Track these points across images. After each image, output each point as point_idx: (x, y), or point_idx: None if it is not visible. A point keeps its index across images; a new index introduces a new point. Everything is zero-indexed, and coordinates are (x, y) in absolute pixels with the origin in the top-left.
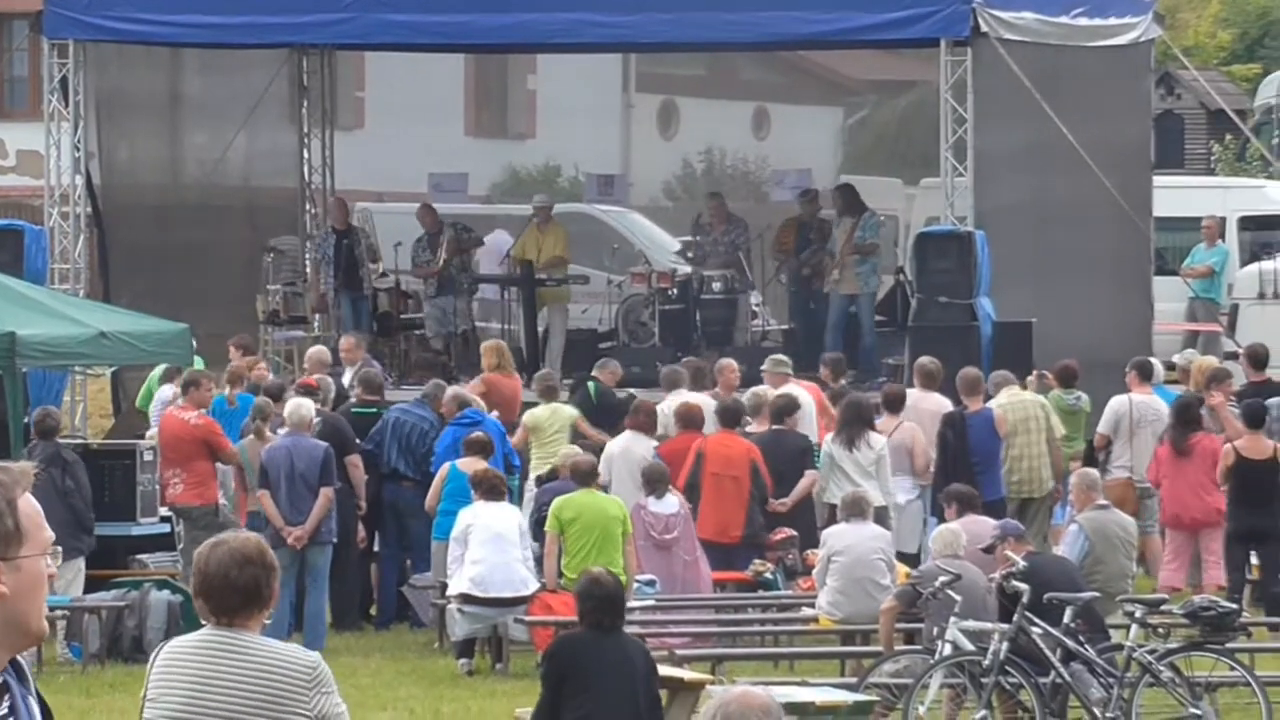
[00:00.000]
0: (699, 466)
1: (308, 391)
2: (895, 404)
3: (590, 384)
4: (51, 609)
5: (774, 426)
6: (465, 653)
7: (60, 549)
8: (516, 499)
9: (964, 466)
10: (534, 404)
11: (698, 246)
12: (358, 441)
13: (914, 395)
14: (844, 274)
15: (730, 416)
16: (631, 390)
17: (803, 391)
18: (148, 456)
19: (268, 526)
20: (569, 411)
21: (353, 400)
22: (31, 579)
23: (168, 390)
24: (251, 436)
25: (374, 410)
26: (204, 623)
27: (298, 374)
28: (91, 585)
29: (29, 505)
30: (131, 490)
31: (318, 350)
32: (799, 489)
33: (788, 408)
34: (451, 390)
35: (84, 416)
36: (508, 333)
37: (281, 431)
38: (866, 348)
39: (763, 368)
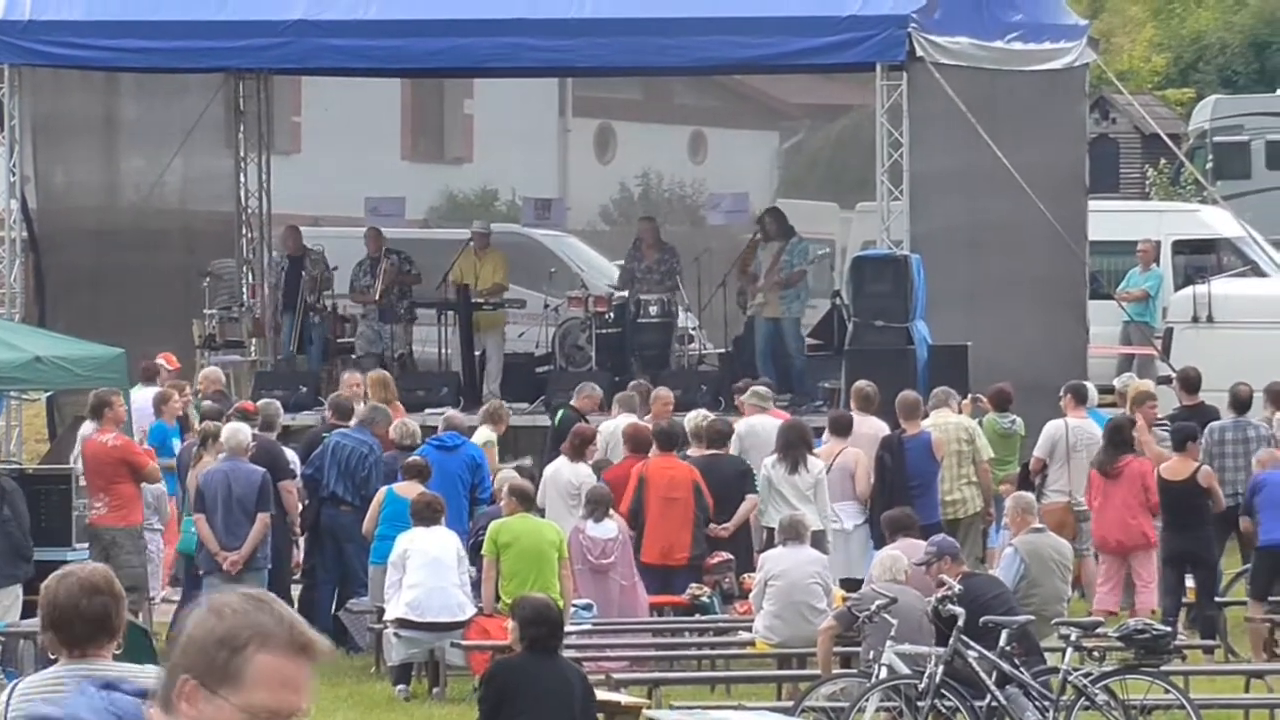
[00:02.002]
0: (642, 490)
1: (245, 416)
2: (842, 428)
3: (560, 410)
4: None
5: (710, 450)
6: (402, 678)
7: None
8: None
9: (901, 490)
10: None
11: (632, 270)
12: (293, 466)
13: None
14: (768, 298)
15: (669, 440)
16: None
17: (773, 421)
18: (83, 481)
19: (201, 549)
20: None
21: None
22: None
23: (88, 429)
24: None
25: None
26: (53, 656)
27: (234, 399)
28: (28, 610)
29: (273, 668)
30: (67, 516)
31: (211, 370)
32: (740, 513)
33: (724, 432)
34: (455, 413)
35: (19, 441)
36: (444, 357)
37: (220, 456)
38: (797, 371)
39: (743, 397)
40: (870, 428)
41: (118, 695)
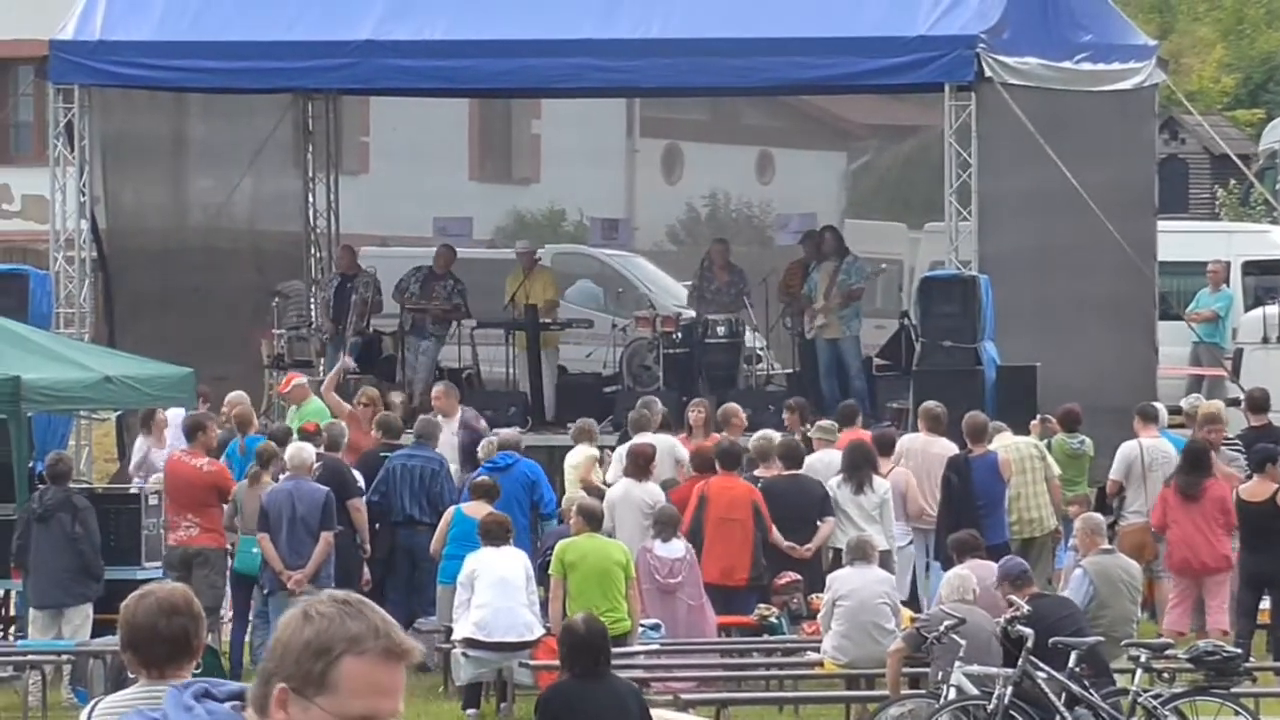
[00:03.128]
0: (702, 510)
1: (308, 436)
2: (886, 448)
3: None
4: (57, 654)
5: (789, 471)
6: (471, 702)
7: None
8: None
9: (968, 510)
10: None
11: (701, 290)
12: (361, 487)
13: (920, 440)
14: (828, 319)
15: (730, 459)
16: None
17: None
18: (152, 501)
19: (265, 569)
20: (584, 455)
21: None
22: None
23: (143, 444)
24: (245, 482)
25: (386, 455)
26: (133, 676)
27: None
28: (97, 629)
29: (364, 674)
30: (136, 535)
31: (235, 395)
32: (820, 535)
33: (798, 451)
34: (508, 431)
35: (89, 461)
36: (511, 376)
37: (283, 476)
38: (858, 392)
39: (810, 433)
40: (940, 449)
41: (213, 704)
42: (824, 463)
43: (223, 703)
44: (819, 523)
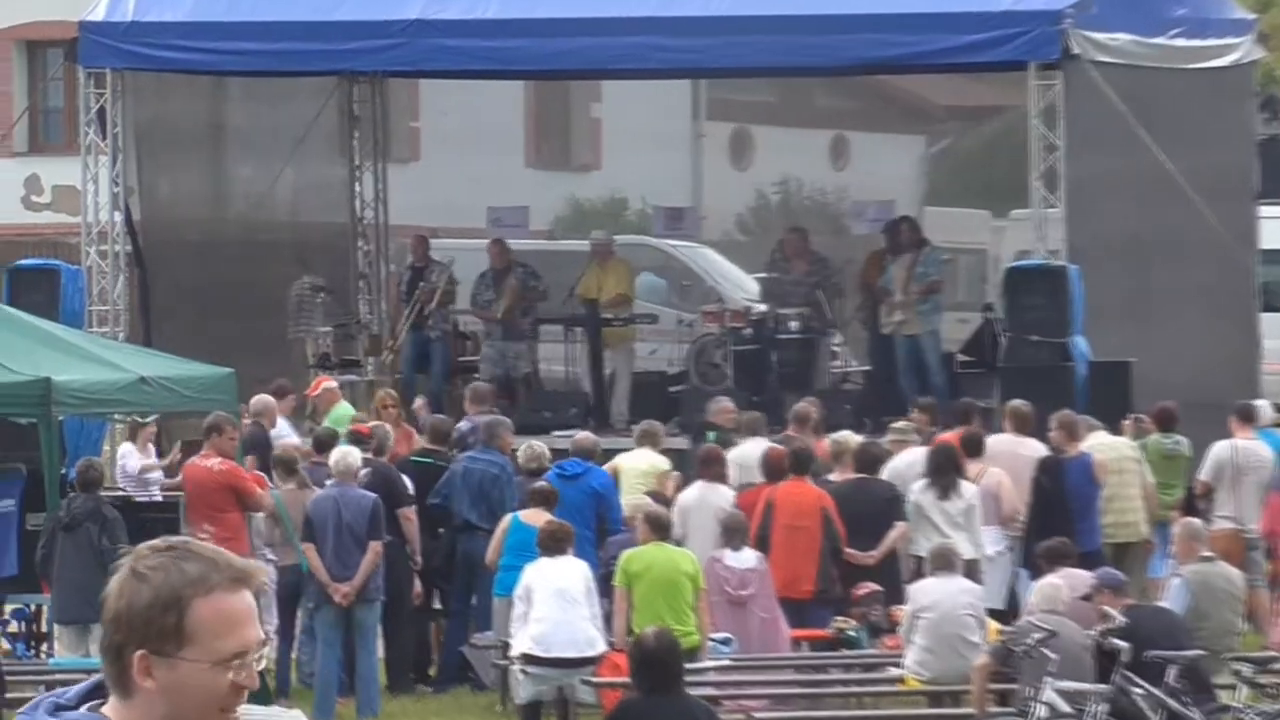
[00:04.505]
0: (769, 517)
1: (357, 440)
2: (974, 448)
3: (710, 433)
4: (86, 672)
5: (858, 474)
6: (530, 718)
7: (265, 651)
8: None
9: (1061, 514)
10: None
11: (775, 283)
12: (412, 495)
13: (1007, 441)
14: (906, 314)
15: (800, 463)
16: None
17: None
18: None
19: (311, 581)
20: (648, 463)
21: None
22: (190, 687)
23: (129, 451)
24: (289, 487)
25: (430, 460)
26: None
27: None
28: None
29: (217, 610)
30: None
31: (259, 400)
32: (888, 541)
33: (875, 455)
34: (584, 434)
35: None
36: (571, 376)
37: (329, 482)
38: (938, 390)
39: (886, 437)
40: (1028, 450)
41: (69, 715)
42: (906, 463)
43: (77, 708)
44: (890, 527)
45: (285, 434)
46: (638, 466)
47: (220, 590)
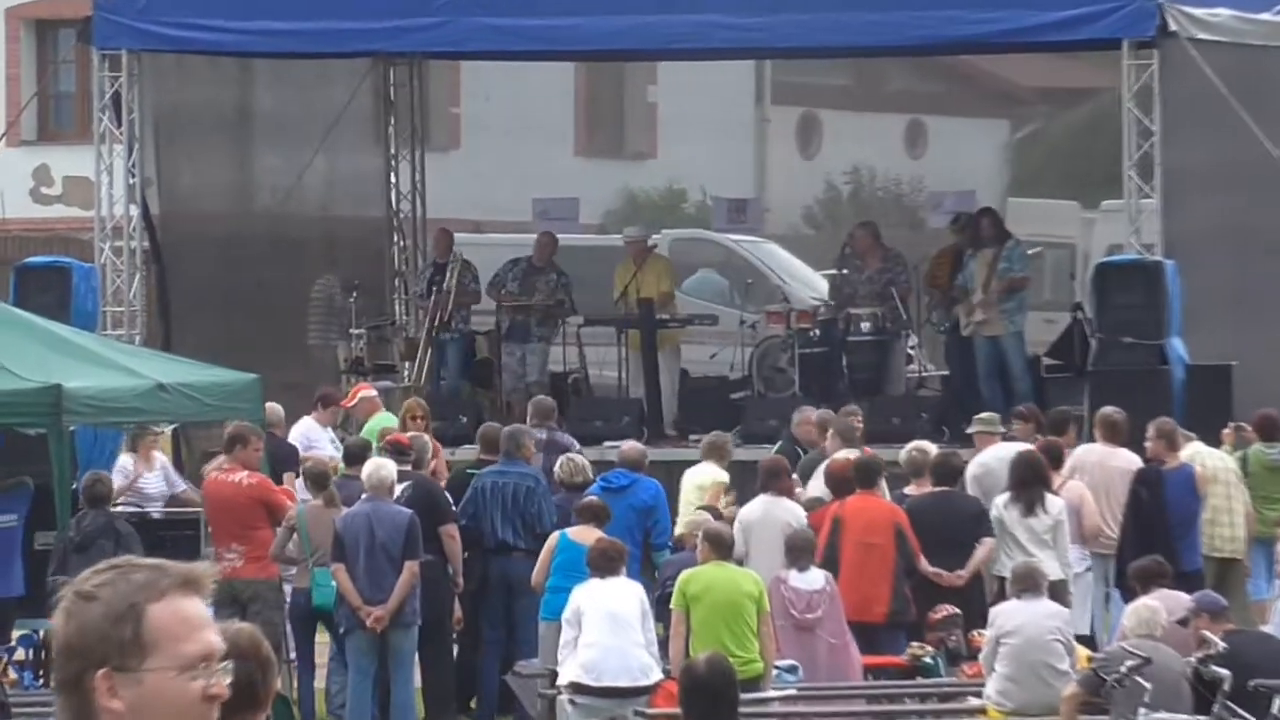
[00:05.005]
0: (837, 535)
1: (397, 451)
2: (1055, 459)
3: (779, 442)
4: None
5: (938, 488)
6: None
7: (229, 663)
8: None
9: (1161, 531)
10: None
11: (845, 281)
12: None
13: (1097, 451)
14: (988, 314)
15: (867, 475)
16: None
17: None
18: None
19: (341, 604)
20: (711, 478)
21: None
22: (160, 698)
23: (127, 461)
24: (316, 502)
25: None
26: None
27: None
28: None
29: (174, 613)
30: None
31: (272, 408)
32: (976, 559)
33: (954, 466)
34: (630, 444)
35: None
36: (622, 382)
37: (363, 497)
38: (1021, 396)
39: (970, 428)
40: (1121, 461)
41: None
42: (998, 459)
43: None
44: (976, 545)
45: (319, 446)
46: (695, 481)
47: (172, 593)
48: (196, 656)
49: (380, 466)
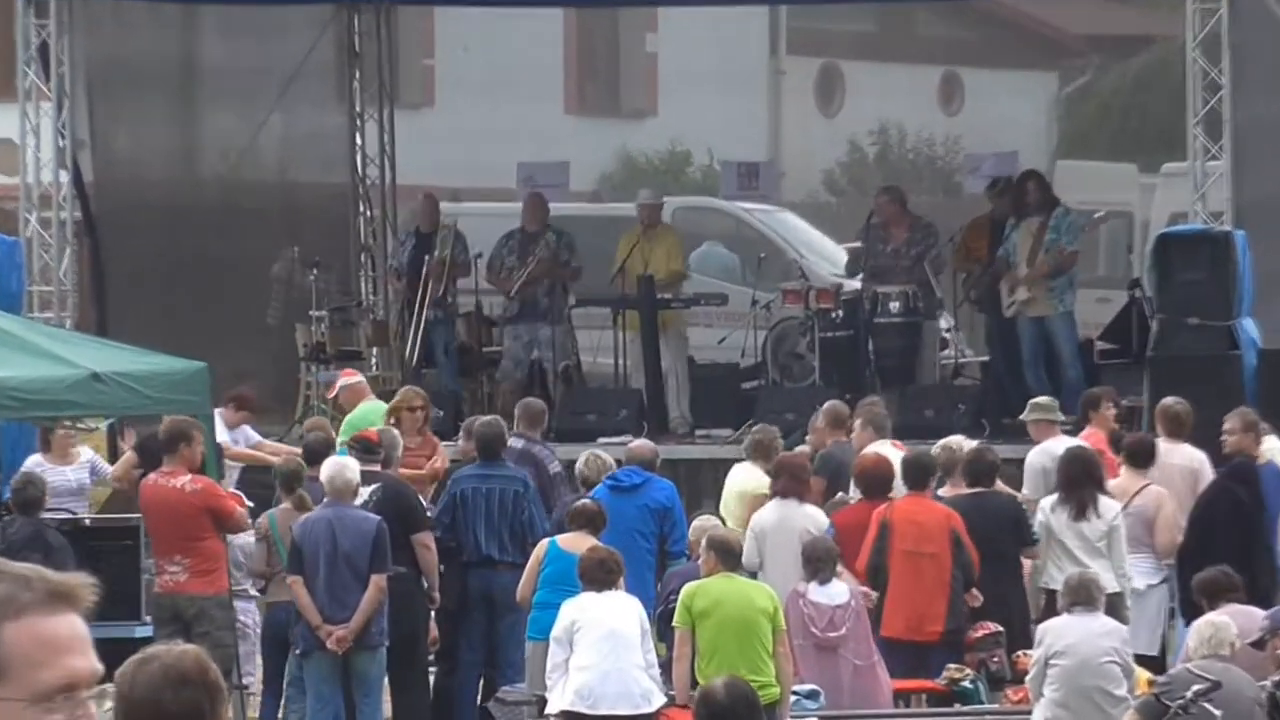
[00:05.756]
0: (884, 542)
1: (365, 448)
2: (1142, 458)
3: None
4: None
5: (973, 488)
6: None
7: (106, 688)
8: None
9: (1258, 533)
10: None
11: (869, 256)
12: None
13: (1159, 449)
14: (1033, 291)
15: (921, 473)
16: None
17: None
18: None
19: (299, 623)
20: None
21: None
22: None
23: (35, 464)
24: (285, 505)
25: None
26: None
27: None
28: None
29: (33, 635)
30: (135, 579)
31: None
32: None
33: (991, 463)
34: (641, 442)
35: None
36: (622, 369)
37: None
38: (1072, 385)
39: (1025, 415)
40: (1183, 458)
41: None
42: (1052, 456)
43: None
44: (1023, 555)
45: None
46: (738, 487)
47: (34, 611)
48: (55, 687)
49: (343, 467)
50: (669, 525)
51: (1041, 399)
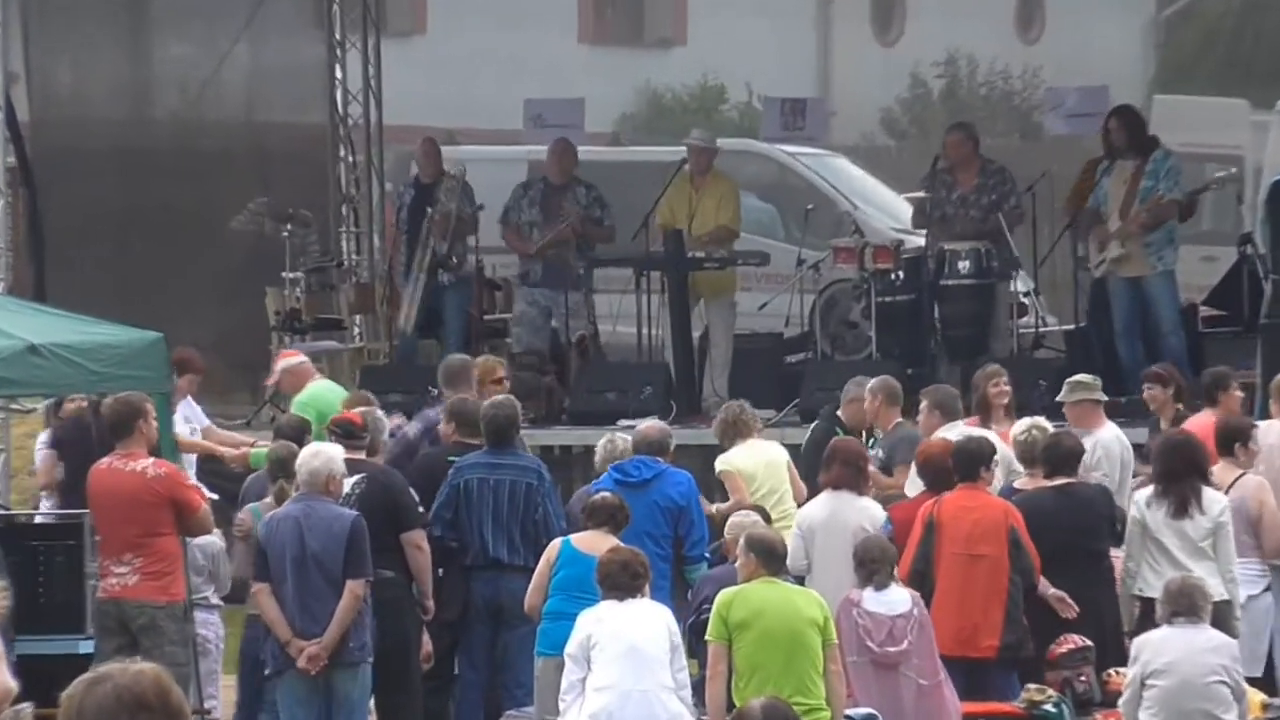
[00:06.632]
0: (930, 542)
1: (346, 432)
2: (1235, 442)
3: (817, 422)
4: None
5: (1055, 480)
6: None
7: (21, 710)
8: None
9: None
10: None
11: (935, 207)
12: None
13: (1276, 430)
14: (1128, 246)
15: (972, 463)
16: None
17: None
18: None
19: (268, 639)
20: (777, 455)
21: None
22: None
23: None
24: (269, 499)
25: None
26: None
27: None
28: None
29: None
30: (79, 586)
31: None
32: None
33: (1074, 450)
34: (650, 423)
35: (5, 474)
36: (649, 339)
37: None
38: (1173, 354)
39: (1062, 396)
40: None
41: None
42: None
43: None
44: (1111, 556)
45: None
46: (747, 465)
47: None
48: None
49: (315, 454)
50: (685, 525)
51: (1083, 376)
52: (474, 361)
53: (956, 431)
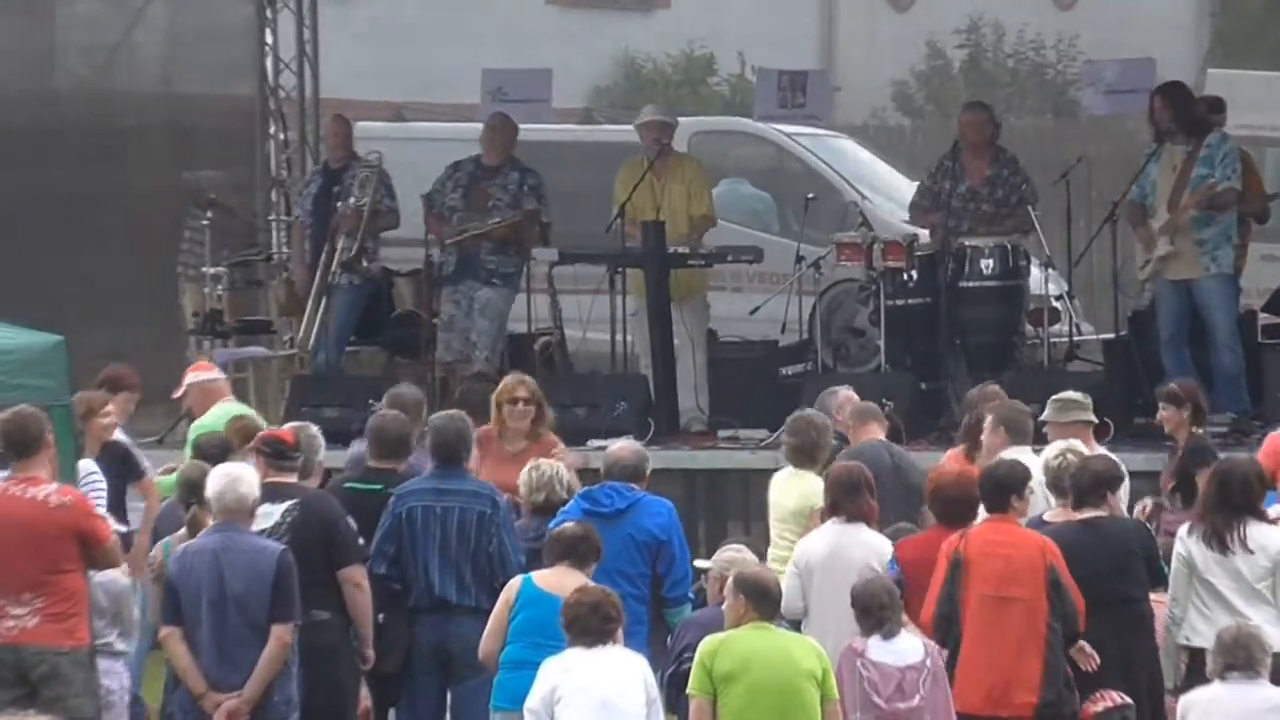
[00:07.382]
0: (955, 582)
1: (277, 451)
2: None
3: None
4: None
5: (1086, 513)
6: None
7: None
8: None
9: None
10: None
11: (952, 197)
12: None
13: None
14: (1177, 243)
15: (1001, 491)
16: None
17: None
18: None
19: (176, 690)
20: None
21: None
22: None
23: None
24: (183, 531)
25: (378, 487)
26: None
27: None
28: None
29: None
30: None
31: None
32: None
33: (1099, 475)
34: (623, 444)
35: None
36: (623, 346)
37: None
38: (1224, 370)
39: (1046, 415)
40: None
41: None
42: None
43: None
44: (1151, 600)
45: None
46: (785, 502)
47: None
48: None
49: (235, 480)
50: (664, 562)
51: (1070, 394)
52: (422, 397)
53: (1016, 456)
